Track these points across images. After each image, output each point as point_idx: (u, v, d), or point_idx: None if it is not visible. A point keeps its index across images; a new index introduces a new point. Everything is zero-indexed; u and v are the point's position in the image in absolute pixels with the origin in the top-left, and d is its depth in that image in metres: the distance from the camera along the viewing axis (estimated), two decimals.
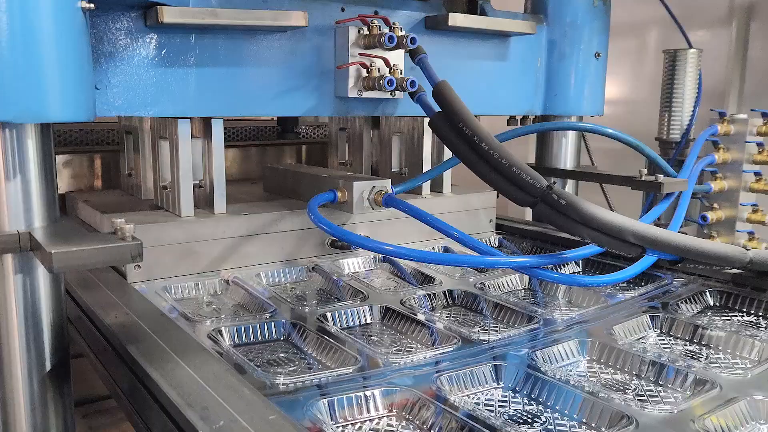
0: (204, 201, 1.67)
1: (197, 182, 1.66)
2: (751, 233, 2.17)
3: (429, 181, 1.98)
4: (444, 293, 1.52)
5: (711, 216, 2.16)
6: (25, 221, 1.00)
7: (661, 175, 1.75)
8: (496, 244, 2.04)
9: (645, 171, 1.79)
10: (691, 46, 2.30)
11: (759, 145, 2.12)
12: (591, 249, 1.50)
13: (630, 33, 3.09)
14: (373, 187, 1.60)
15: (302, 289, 1.58)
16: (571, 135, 2.20)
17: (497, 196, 2.10)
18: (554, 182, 1.36)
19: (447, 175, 2.03)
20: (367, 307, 1.41)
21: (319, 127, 2.75)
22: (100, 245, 0.95)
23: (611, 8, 2.13)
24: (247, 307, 1.43)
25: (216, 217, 1.60)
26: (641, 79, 3.03)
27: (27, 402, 1.04)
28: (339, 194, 1.61)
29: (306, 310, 1.38)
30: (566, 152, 2.18)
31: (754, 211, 2.15)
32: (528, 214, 2.33)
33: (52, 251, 0.90)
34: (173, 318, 1.25)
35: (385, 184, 1.62)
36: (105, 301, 1.28)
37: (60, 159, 2.07)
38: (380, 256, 1.75)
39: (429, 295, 1.50)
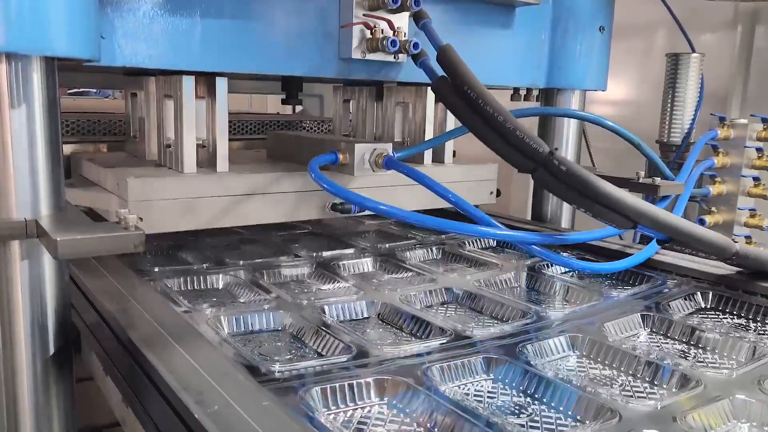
0: (207, 161, 1.68)
1: (200, 142, 1.68)
2: (748, 237, 2.19)
3: (430, 150, 1.99)
4: (441, 290, 1.55)
5: (709, 219, 2.18)
6: (32, 209, 1.03)
7: (659, 178, 1.77)
8: (494, 242, 2.06)
9: (643, 173, 1.81)
10: (694, 51, 2.32)
11: (758, 150, 2.14)
12: (591, 234, 1.51)
13: (637, 34, 3.10)
14: (375, 149, 1.62)
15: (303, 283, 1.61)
16: (572, 132, 2.20)
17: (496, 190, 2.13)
18: (557, 149, 1.38)
19: (449, 146, 2.04)
20: (365, 301, 1.44)
21: (324, 122, 2.78)
22: (104, 234, 0.98)
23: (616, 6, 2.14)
24: (246, 298, 1.47)
25: (218, 175, 1.62)
26: (647, 80, 3.04)
27: (30, 383, 1.08)
28: (341, 156, 1.63)
29: (304, 303, 1.41)
30: (566, 153, 2.20)
31: (752, 216, 2.17)
32: (528, 212, 2.35)
33: (58, 239, 0.93)
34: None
35: (387, 147, 1.64)
36: (107, 288, 1.31)
37: (67, 149, 2.10)
38: (380, 258, 1.78)
39: (426, 292, 1.53)
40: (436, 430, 0.96)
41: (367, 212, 1.71)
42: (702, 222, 2.15)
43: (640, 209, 1.32)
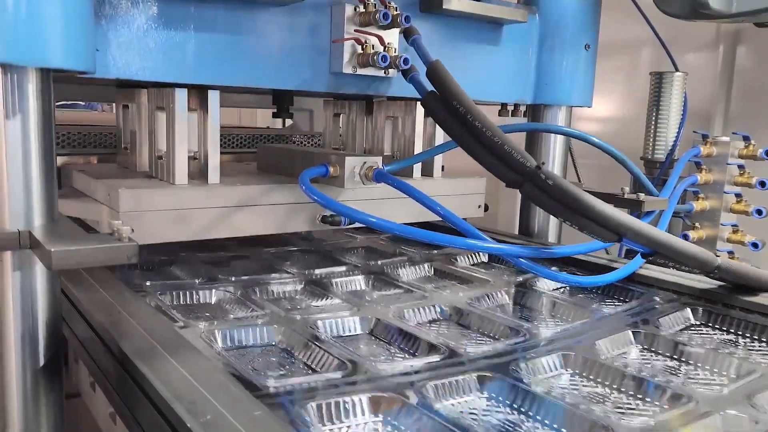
0: (198, 173, 1.68)
1: (192, 154, 1.67)
2: (731, 252, 2.22)
3: (420, 164, 2.01)
4: (433, 307, 1.54)
5: (693, 235, 2.21)
6: (25, 220, 1.02)
7: (643, 194, 1.79)
8: (485, 258, 2.06)
9: (627, 189, 1.83)
10: (677, 69, 2.36)
11: (740, 167, 2.17)
12: (577, 248, 1.54)
13: (623, 52, 3.15)
14: (365, 162, 1.64)
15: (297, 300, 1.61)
16: (559, 148, 2.22)
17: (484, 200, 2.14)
18: (543, 163, 1.40)
19: (438, 160, 2.06)
20: (357, 317, 1.43)
21: (314, 137, 2.78)
22: (97, 245, 0.97)
23: (602, 8, 2.17)
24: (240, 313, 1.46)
25: (209, 186, 1.62)
26: (633, 97, 3.09)
27: (20, 394, 1.06)
28: (331, 169, 1.63)
29: (298, 318, 1.40)
30: (553, 168, 2.21)
31: (734, 231, 2.20)
32: (515, 227, 2.36)
33: (52, 250, 0.92)
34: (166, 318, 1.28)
35: (377, 160, 1.65)
36: (98, 300, 1.30)
37: (59, 161, 2.07)
38: (373, 277, 1.78)
39: (418, 309, 1.52)
40: None
41: (356, 225, 1.71)
42: (686, 237, 2.18)
43: (624, 223, 1.34)
